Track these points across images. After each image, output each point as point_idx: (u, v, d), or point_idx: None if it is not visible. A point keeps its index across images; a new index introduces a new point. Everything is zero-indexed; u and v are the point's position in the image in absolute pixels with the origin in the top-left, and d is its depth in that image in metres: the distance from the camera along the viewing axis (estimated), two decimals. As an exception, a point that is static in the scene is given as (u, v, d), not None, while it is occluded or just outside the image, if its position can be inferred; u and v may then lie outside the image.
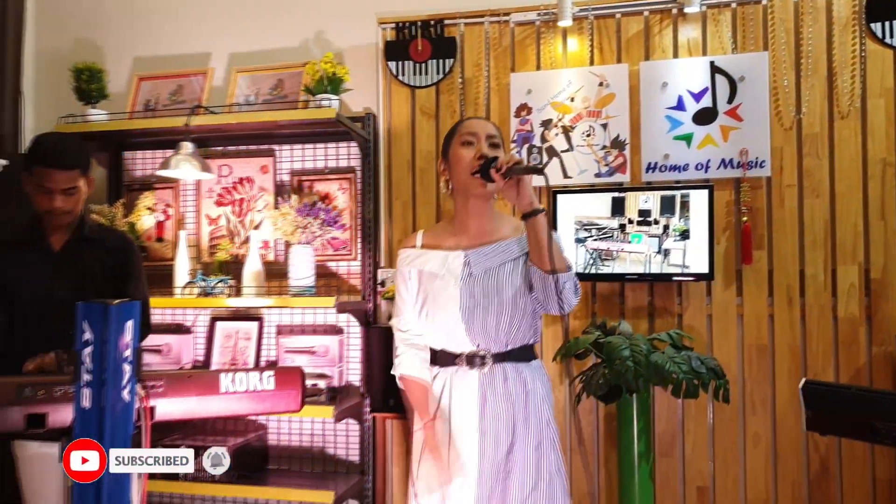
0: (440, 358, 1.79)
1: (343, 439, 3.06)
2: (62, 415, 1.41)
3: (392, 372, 1.88)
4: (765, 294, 2.78)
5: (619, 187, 2.82)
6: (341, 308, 2.82)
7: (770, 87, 2.79)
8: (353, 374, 3.06)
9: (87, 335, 1.34)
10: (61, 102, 3.35)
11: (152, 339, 3.07)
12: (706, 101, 2.81)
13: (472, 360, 1.74)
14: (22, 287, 2.07)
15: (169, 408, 1.50)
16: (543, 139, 2.94)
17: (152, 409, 1.47)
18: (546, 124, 2.94)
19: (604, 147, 2.89)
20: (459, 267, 1.75)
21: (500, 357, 1.74)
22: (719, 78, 2.80)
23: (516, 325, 1.73)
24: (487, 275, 1.73)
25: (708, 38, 2.87)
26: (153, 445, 1.86)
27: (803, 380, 1.67)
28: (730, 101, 2.80)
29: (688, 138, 2.82)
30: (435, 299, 1.77)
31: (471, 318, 1.72)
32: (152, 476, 2.84)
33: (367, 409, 2.94)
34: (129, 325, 1.37)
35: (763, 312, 2.79)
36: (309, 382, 2.92)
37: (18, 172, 2.81)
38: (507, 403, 1.73)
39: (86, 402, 1.36)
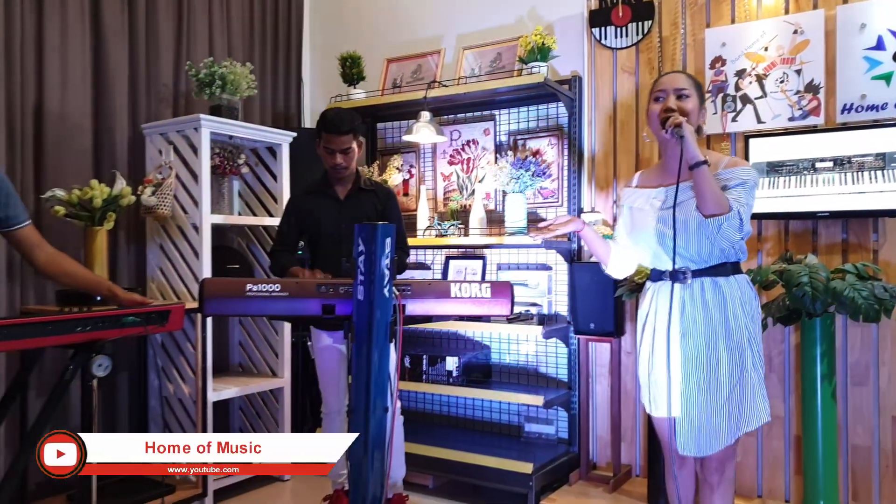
0: (653, 275, 2.23)
1: (553, 360, 3.59)
2: (345, 306, 2.09)
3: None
4: (975, 230, 2.75)
5: (812, 129, 2.95)
6: (548, 245, 3.32)
7: None
8: (561, 305, 3.55)
9: (361, 248, 1.99)
10: (329, 85, 4.24)
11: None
12: (910, 38, 2.81)
13: (675, 275, 2.11)
14: (321, 225, 2.85)
15: (415, 306, 2.14)
16: (737, 88, 3.14)
17: (404, 306, 2.10)
18: (740, 74, 3.13)
19: (797, 92, 3.01)
20: (659, 202, 2.15)
21: (699, 272, 2.11)
22: (925, 13, 2.78)
23: (706, 247, 2.06)
24: (682, 206, 2.07)
25: (915, -27, 2.84)
26: (405, 341, 2.53)
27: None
28: (937, 35, 2.77)
29: (887, 77, 2.84)
30: (641, 230, 2.20)
31: (666, 243, 2.10)
32: (403, 377, 3.63)
33: (573, 333, 3.41)
34: (388, 241, 1.99)
35: (972, 249, 2.76)
36: (522, 309, 3.49)
37: (306, 142, 3.69)
38: (704, 310, 2.09)
39: (360, 296, 2.01)
